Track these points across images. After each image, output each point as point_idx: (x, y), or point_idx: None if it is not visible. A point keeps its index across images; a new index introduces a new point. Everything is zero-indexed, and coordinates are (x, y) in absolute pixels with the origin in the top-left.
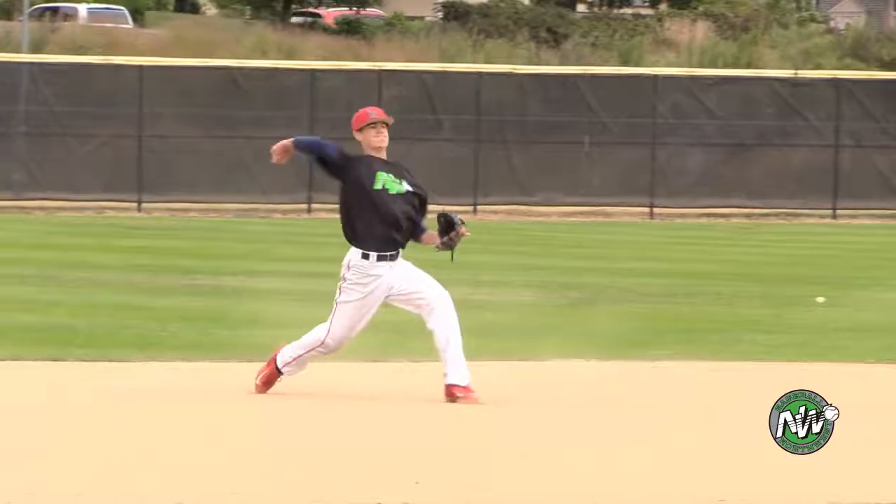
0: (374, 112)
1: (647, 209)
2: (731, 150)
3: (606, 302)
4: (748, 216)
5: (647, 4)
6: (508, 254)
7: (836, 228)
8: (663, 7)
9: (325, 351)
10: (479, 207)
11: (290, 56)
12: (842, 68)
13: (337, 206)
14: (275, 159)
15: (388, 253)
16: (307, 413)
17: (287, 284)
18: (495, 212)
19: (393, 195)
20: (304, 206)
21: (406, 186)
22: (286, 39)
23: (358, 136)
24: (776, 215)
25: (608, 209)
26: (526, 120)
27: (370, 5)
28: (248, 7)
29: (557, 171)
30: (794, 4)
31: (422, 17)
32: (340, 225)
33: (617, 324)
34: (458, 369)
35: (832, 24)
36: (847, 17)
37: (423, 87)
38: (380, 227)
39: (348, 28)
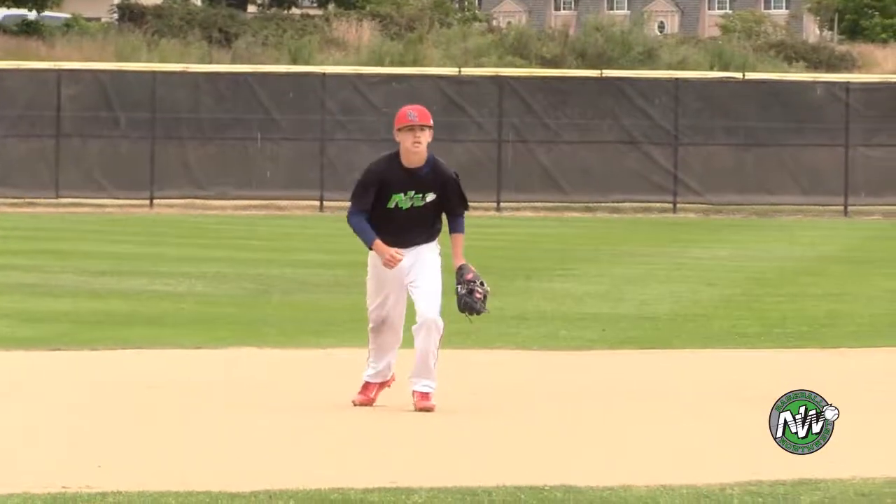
0: (414, 113)
1: (316, 202)
2: (397, 146)
3: (279, 292)
4: None
5: (315, 5)
6: (185, 246)
7: (500, 220)
8: (331, 8)
9: (373, 329)
10: (155, 201)
11: None
12: (504, 66)
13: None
14: (394, 264)
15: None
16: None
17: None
18: (171, 205)
19: (405, 210)
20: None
21: (428, 198)
22: None
23: (397, 137)
24: None
25: (280, 202)
26: (200, 117)
27: (48, 7)
28: None
29: (231, 166)
30: (456, 5)
31: (99, 19)
32: None
33: (290, 313)
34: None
35: (494, 23)
36: (509, 16)
37: (100, 86)
38: (388, 235)
39: (27, 29)
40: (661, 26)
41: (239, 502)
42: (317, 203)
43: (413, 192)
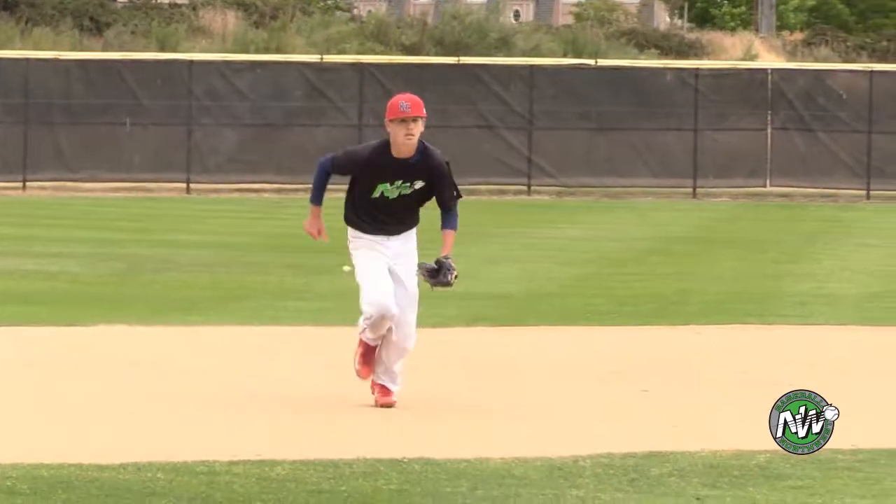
0: (407, 104)
1: (184, 185)
2: (261, 130)
3: (148, 271)
4: (278, 191)
5: None
6: (56, 227)
7: None
8: None
9: (370, 319)
10: (28, 184)
11: None
12: (365, 53)
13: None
14: (321, 237)
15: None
16: None
17: None
18: (43, 188)
19: (391, 199)
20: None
21: (416, 186)
22: None
23: (388, 127)
24: (304, 190)
25: (148, 185)
26: (72, 103)
27: None
28: None
29: (101, 150)
30: None
31: None
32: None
33: (158, 291)
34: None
35: (355, 11)
36: (369, 4)
37: None
38: (374, 222)
39: None
40: (517, 14)
41: (108, 473)
42: (184, 185)
43: (401, 182)
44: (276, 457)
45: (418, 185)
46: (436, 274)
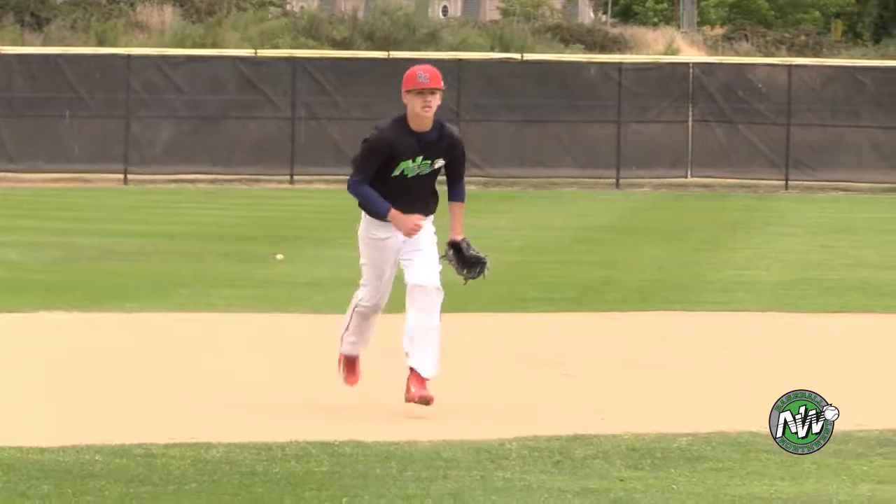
0: (425, 74)
1: (121, 176)
2: (197, 123)
3: (86, 260)
4: (213, 182)
5: None
6: None
7: (293, 192)
8: None
9: (361, 315)
10: None
11: None
12: (297, 47)
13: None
14: (417, 230)
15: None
16: None
17: None
18: None
19: (410, 179)
20: None
21: (437, 165)
22: None
23: (405, 98)
24: (238, 181)
25: (87, 176)
26: (13, 96)
27: None
28: None
29: (41, 141)
30: None
31: None
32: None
33: (96, 279)
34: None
35: (288, 7)
36: (302, 0)
37: None
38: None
39: None
40: (445, 10)
41: (48, 456)
42: (121, 176)
43: (421, 159)
44: (210, 440)
45: (438, 163)
46: (472, 269)
